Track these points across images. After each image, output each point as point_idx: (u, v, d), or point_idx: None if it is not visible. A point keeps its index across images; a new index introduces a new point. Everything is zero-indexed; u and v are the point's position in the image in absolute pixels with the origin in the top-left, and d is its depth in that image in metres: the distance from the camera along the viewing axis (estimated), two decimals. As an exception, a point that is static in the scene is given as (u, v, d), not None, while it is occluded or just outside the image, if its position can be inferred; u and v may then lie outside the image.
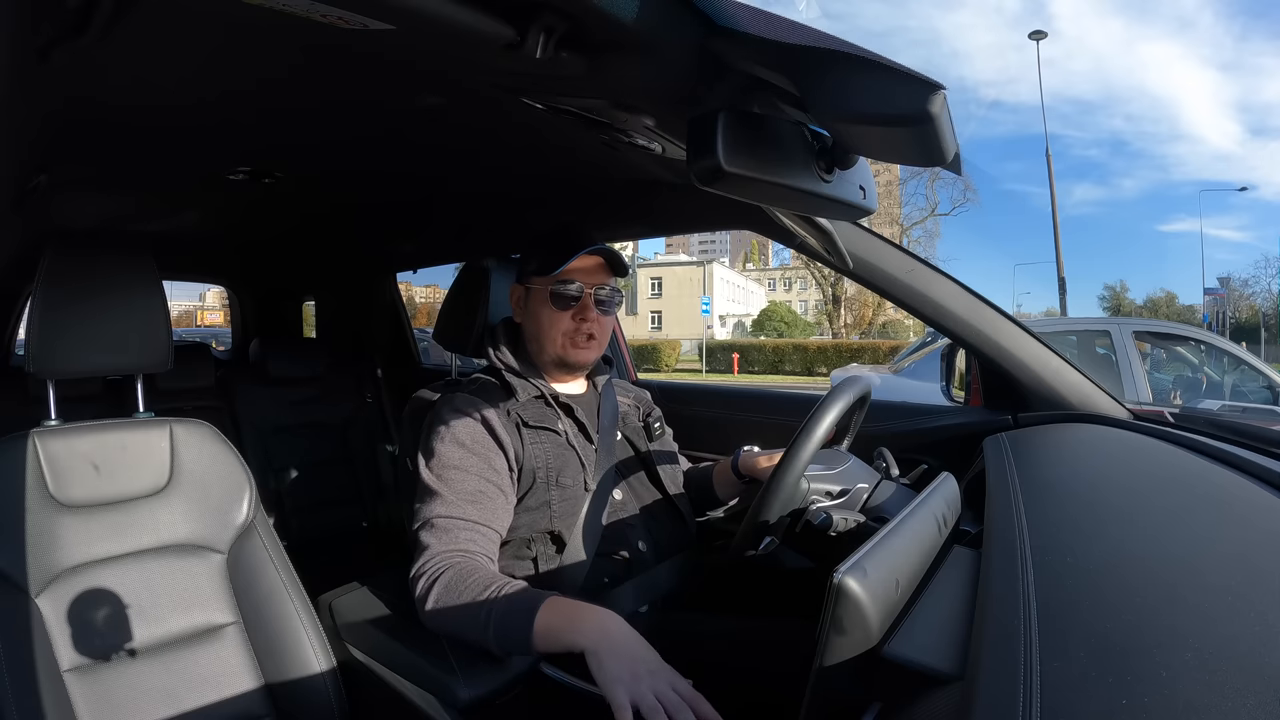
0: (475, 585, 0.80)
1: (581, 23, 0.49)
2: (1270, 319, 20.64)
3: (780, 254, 36.45)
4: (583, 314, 1.00)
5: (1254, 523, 0.64)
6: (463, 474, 0.90)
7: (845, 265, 1.09)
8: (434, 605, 0.82)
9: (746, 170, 0.49)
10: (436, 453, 0.92)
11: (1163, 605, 0.47)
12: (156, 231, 1.74)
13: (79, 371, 0.92)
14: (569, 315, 1.00)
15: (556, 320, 1.00)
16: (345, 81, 0.78)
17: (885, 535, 0.62)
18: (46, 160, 1.00)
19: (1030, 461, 0.92)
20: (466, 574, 0.82)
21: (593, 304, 1.01)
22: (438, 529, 0.87)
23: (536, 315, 1.01)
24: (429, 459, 0.92)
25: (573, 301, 1.00)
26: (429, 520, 0.88)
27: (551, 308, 1.00)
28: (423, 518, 0.89)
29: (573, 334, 1.00)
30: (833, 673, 0.54)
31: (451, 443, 0.92)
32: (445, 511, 0.88)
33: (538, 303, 1.01)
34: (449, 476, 0.90)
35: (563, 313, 1.00)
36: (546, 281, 0.99)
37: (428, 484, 0.90)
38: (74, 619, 0.82)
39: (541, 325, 1.01)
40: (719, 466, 1.15)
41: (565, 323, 1.00)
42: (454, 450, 0.91)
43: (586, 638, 0.72)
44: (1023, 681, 0.38)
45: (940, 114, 0.40)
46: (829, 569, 0.54)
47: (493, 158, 1.12)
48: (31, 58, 0.60)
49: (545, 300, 1.00)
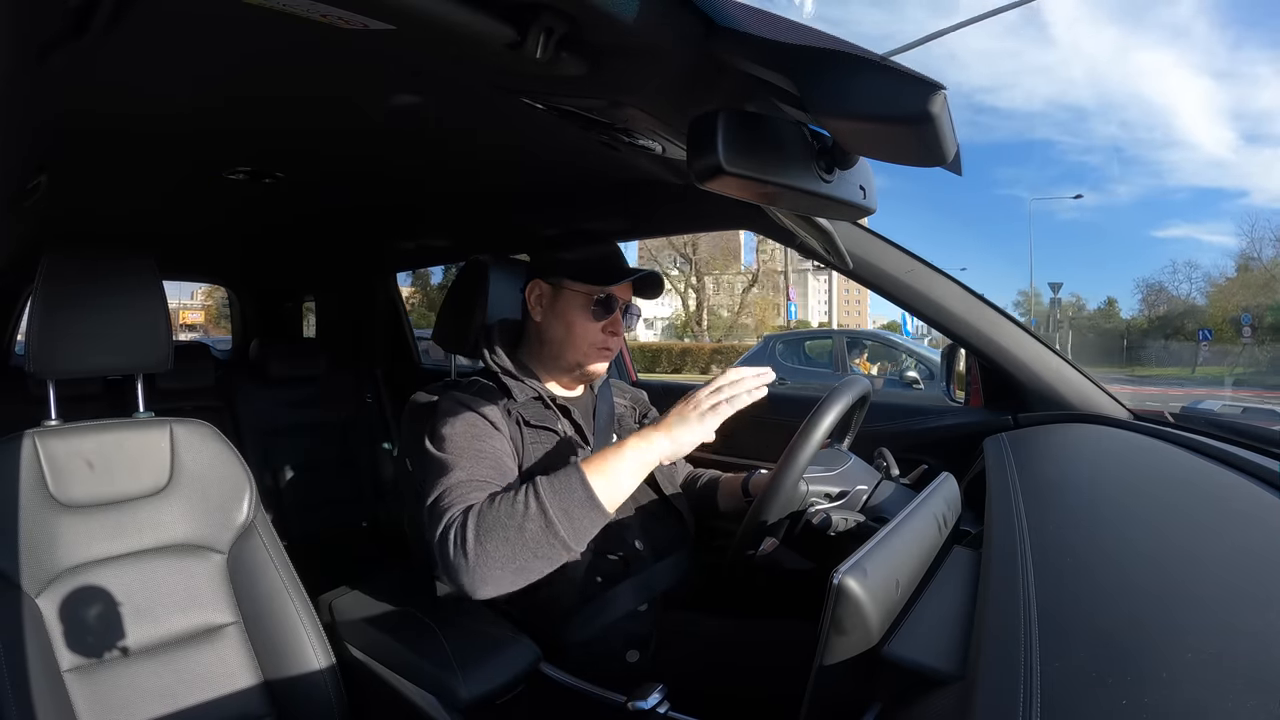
0: (504, 505, 0.74)
1: (582, 23, 0.49)
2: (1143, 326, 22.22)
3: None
4: (614, 327, 1.00)
5: (1254, 522, 0.64)
6: (477, 445, 0.87)
7: (845, 265, 1.09)
8: (477, 550, 0.73)
9: (746, 170, 0.49)
10: (445, 436, 0.88)
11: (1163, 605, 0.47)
12: (156, 231, 1.74)
13: (79, 371, 0.92)
14: (600, 326, 0.99)
15: (589, 330, 0.99)
16: (346, 81, 0.78)
17: (885, 535, 0.63)
18: (46, 160, 1.00)
19: (1030, 461, 0.92)
20: (489, 504, 0.76)
21: (621, 318, 1.02)
22: (457, 490, 0.81)
23: (566, 319, 0.99)
24: (438, 444, 0.88)
25: (607, 314, 0.99)
26: (442, 491, 0.81)
27: (587, 316, 0.98)
28: (435, 491, 0.82)
29: (600, 345, 1.00)
30: (833, 673, 0.54)
31: (460, 425, 0.89)
32: (465, 476, 0.83)
33: (570, 307, 0.99)
34: (463, 449, 0.86)
35: (596, 323, 0.99)
36: (590, 290, 0.98)
37: (440, 459, 0.85)
38: (74, 619, 0.82)
39: (573, 330, 0.99)
40: (726, 480, 1.14)
41: (596, 334, 0.99)
42: (463, 430, 0.88)
43: (638, 454, 0.78)
44: (1023, 681, 0.38)
45: (941, 114, 0.40)
46: (829, 569, 0.54)
47: (493, 158, 1.12)
48: (31, 58, 0.60)
49: (583, 308, 0.98)
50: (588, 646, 0.91)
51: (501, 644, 0.86)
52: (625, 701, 0.79)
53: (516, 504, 0.74)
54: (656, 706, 0.78)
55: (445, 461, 0.85)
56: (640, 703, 0.77)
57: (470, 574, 0.73)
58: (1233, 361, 16.25)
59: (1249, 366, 16.13)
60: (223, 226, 1.76)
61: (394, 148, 1.08)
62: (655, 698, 0.78)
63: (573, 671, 0.89)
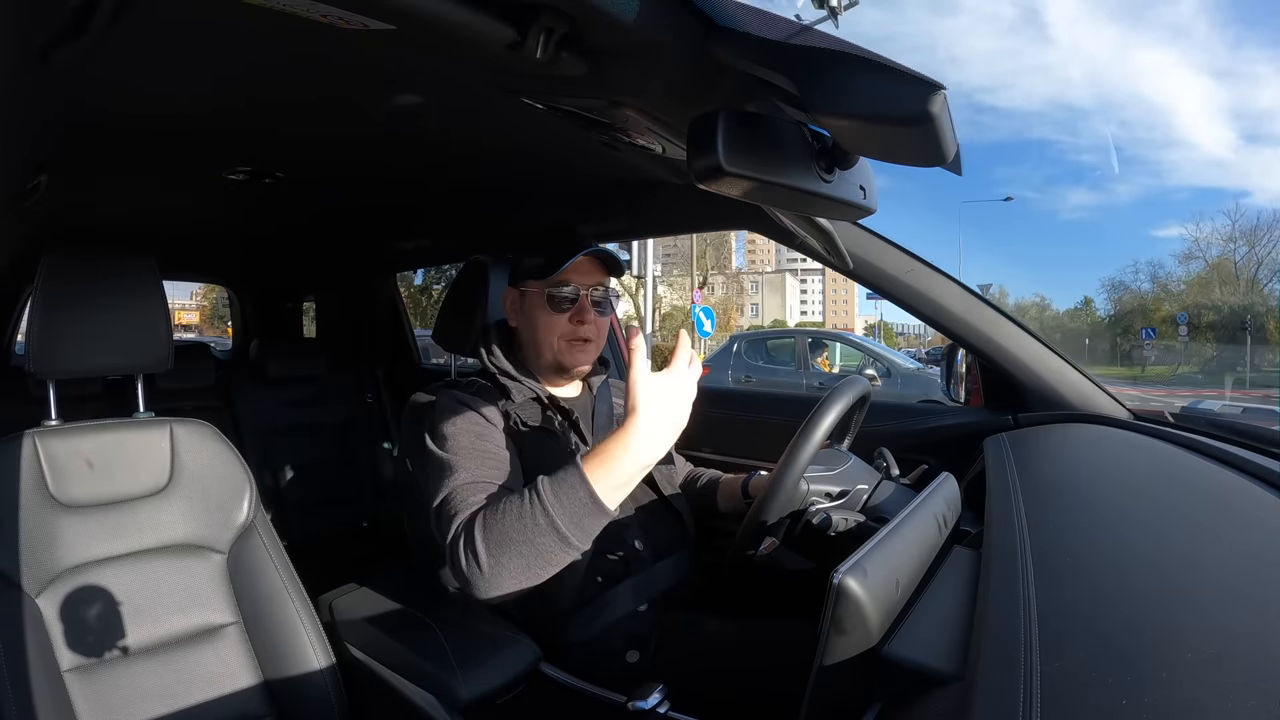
0: (511, 516, 0.74)
1: (582, 23, 0.49)
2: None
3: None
4: (580, 316, 0.99)
5: (1254, 522, 0.64)
6: (471, 445, 0.87)
7: (845, 265, 1.09)
8: (490, 564, 0.74)
9: (746, 170, 0.49)
10: (446, 435, 0.88)
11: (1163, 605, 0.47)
12: (156, 231, 1.74)
13: (79, 371, 0.92)
14: (566, 318, 0.99)
15: (553, 323, 0.99)
16: (346, 81, 0.78)
17: (885, 535, 0.63)
18: (46, 160, 1.00)
19: (1030, 461, 0.92)
20: (495, 510, 0.77)
21: (589, 305, 1.00)
22: (463, 493, 0.82)
23: (533, 319, 1.00)
24: (440, 444, 0.88)
25: (569, 304, 0.98)
26: (448, 494, 0.82)
27: (548, 311, 0.98)
28: (440, 494, 0.83)
29: (569, 337, 0.99)
30: (833, 673, 0.54)
31: (461, 424, 0.89)
32: (469, 478, 0.83)
33: (534, 306, 1.00)
34: (465, 449, 0.86)
35: (559, 315, 0.98)
36: (542, 285, 0.98)
37: (443, 460, 0.86)
38: (74, 619, 0.82)
39: (538, 329, 0.99)
40: (726, 481, 1.14)
41: (562, 326, 0.99)
42: (464, 429, 0.89)
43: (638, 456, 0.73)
44: (1023, 681, 0.38)
45: (941, 114, 0.40)
46: (829, 569, 0.54)
47: (493, 158, 1.12)
48: (32, 59, 0.60)
49: (541, 304, 0.99)
50: (588, 646, 0.91)
51: (501, 644, 0.86)
52: (625, 701, 0.79)
53: (524, 516, 0.73)
54: (656, 706, 0.78)
55: (448, 462, 0.85)
56: (640, 703, 0.77)
57: (485, 585, 0.75)
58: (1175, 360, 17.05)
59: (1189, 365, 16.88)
60: (223, 226, 1.77)
61: (394, 148, 1.08)
62: (655, 698, 0.78)
63: (573, 671, 0.89)
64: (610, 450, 0.73)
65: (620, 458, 0.73)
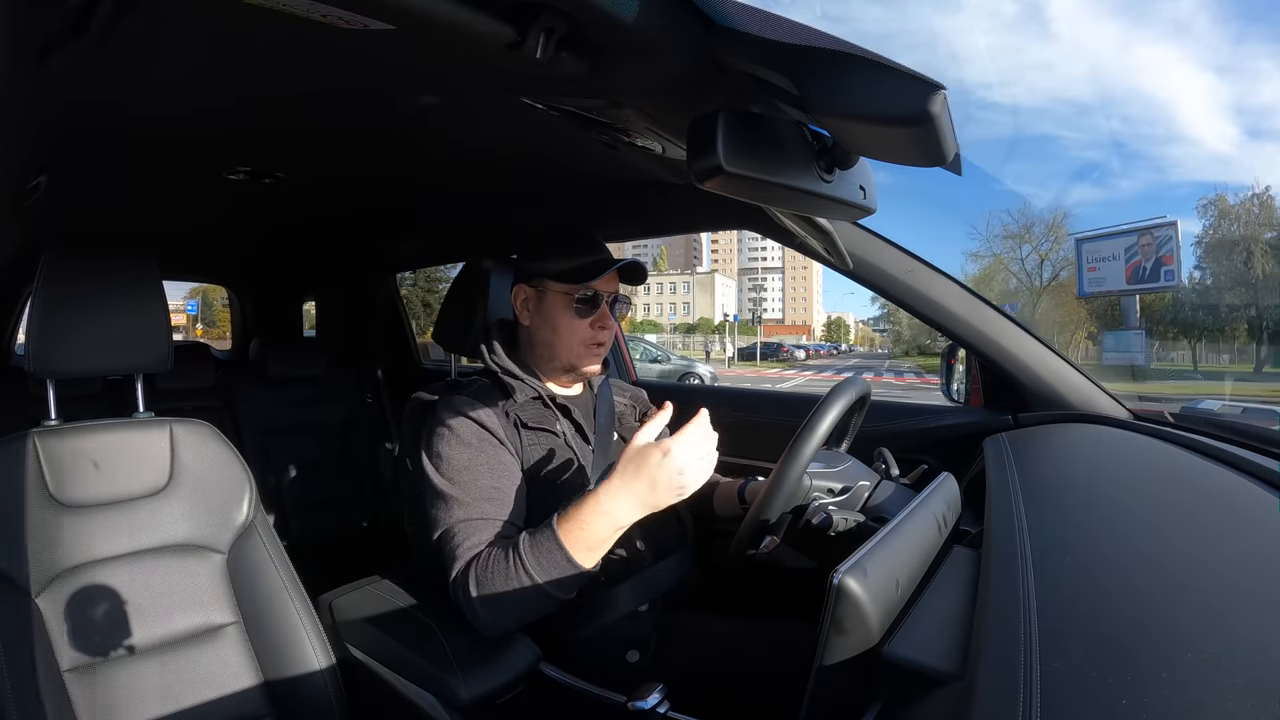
0: (498, 574, 0.79)
1: (582, 23, 0.49)
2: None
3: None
4: (602, 322, 0.99)
5: (1254, 522, 0.64)
6: (473, 473, 0.88)
7: (845, 265, 1.09)
8: (485, 613, 0.80)
9: (746, 170, 0.49)
10: (444, 456, 0.90)
11: (1163, 606, 0.47)
12: (156, 231, 1.74)
13: (79, 371, 0.92)
14: (588, 323, 0.98)
15: (576, 328, 0.98)
16: (346, 81, 0.78)
17: (885, 535, 0.63)
18: (46, 161, 1.00)
19: (1030, 461, 0.92)
20: (486, 568, 0.81)
21: (609, 311, 1.00)
22: (459, 533, 0.84)
23: (552, 321, 0.99)
24: (437, 465, 0.90)
25: (593, 310, 0.98)
26: (450, 528, 0.85)
27: (572, 315, 0.98)
28: (443, 525, 0.86)
29: (589, 342, 0.99)
30: (833, 673, 0.54)
31: (457, 445, 0.90)
32: (464, 515, 0.86)
33: (554, 308, 0.99)
34: (461, 479, 0.88)
35: (582, 321, 0.98)
36: (569, 288, 0.97)
37: (440, 490, 0.88)
38: (74, 619, 0.82)
39: (559, 331, 0.99)
40: (723, 486, 1.14)
41: (584, 331, 0.98)
42: (460, 452, 0.90)
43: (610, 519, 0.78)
44: (1023, 681, 0.38)
45: (941, 114, 0.40)
46: (829, 569, 0.54)
47: (493, 157, 1.12)
48: (31, 60, 0.60)
49: (566, 307, 0.98)
50: (588, 646, 0.91)
51: (501, 644, 0.86)
52: (625, 701, 0.79)
53: (510, 579, 0.78)
54: (656, 706, 0.78)
55: (445, 494, 0.88)
56: (640, 703, 0.77)
57: (486, 628, 0.82)
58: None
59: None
60: (223, 226, 1.76)
61: (394, 147, 1.08)
62: (655, 698, 0.78)
63: (573, 671, 0.89)
64: (582, 514, 0.78)
65: (592, 522, 0.78)
